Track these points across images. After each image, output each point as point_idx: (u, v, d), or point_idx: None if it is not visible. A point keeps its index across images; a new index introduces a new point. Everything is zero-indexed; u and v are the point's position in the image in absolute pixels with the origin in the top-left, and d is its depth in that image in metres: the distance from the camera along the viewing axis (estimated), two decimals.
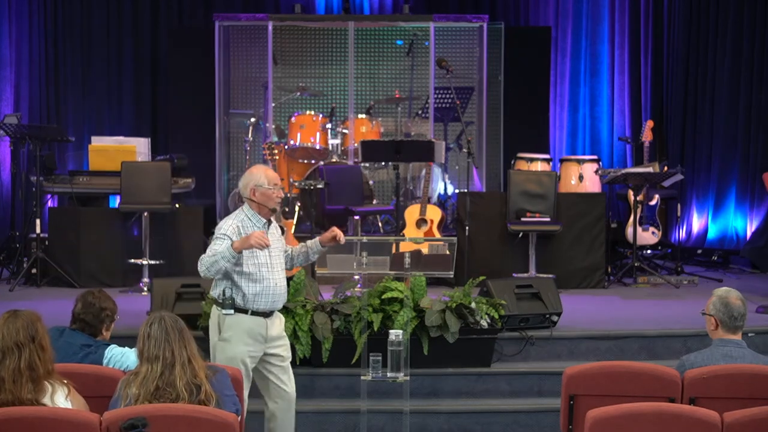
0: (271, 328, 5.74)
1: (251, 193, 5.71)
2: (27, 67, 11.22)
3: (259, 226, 5.68)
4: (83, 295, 5.51)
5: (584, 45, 12.10)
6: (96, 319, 5.42)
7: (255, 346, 5.68)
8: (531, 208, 9.26)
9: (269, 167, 5.93)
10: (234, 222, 5.67)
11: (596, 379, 5.04)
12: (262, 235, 5.49)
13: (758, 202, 10.86)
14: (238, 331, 5.64)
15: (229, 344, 5.66)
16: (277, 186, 5.74)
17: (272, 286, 5.68)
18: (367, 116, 10.49)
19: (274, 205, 5.73)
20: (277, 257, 5.75)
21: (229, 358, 5.61)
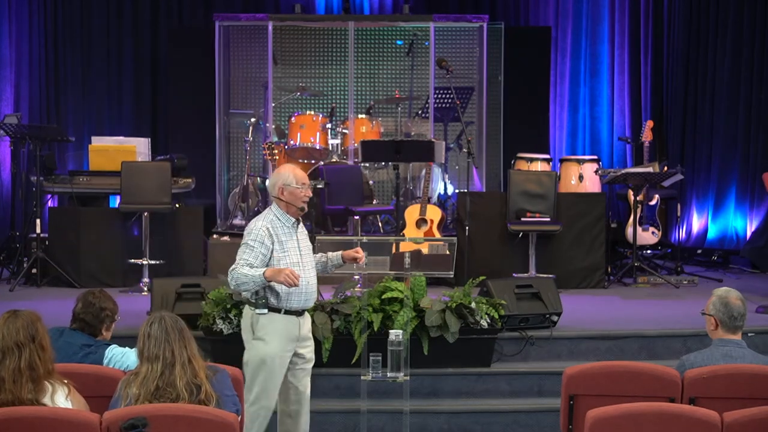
0: (302, 327, 5.77)
1: (279, 192, 5.70)
2: (27, 67, 11.22)
3: (288, 225, 5.68)
4: (84, 295, 5.51)
5: (584, 45, 12.10)
6: (95, 319, 5.43)
7: (289, 345, 5.69)
8: (531, 208, 9.26)
9: (298, 167, 5.89)
10: (264, 224, 5.65)
11: (596, 379, 5.04)
12: (292, 273, 5.48)
13: (758, 202, 10.86)
14: (272, 330, 5.64)
15: (264, 343, 5.65)
16: (306, 185, 5.73)
17: (304, 284, 5.66)
18: (367, 116, 10.49)
19: (302, 204, 5.72)
20: (308, 256, 5.76)
21: (264, 357, 5.63)
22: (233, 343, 6.74)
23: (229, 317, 6.76)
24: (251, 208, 10.34)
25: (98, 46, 11.64)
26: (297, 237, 5.72)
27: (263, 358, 5.64)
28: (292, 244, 5.68)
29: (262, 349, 5.65)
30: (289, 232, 5.69)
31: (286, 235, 5.67)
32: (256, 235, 5.62)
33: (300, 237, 5.74)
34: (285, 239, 5.66)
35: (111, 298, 5.58)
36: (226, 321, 6.76)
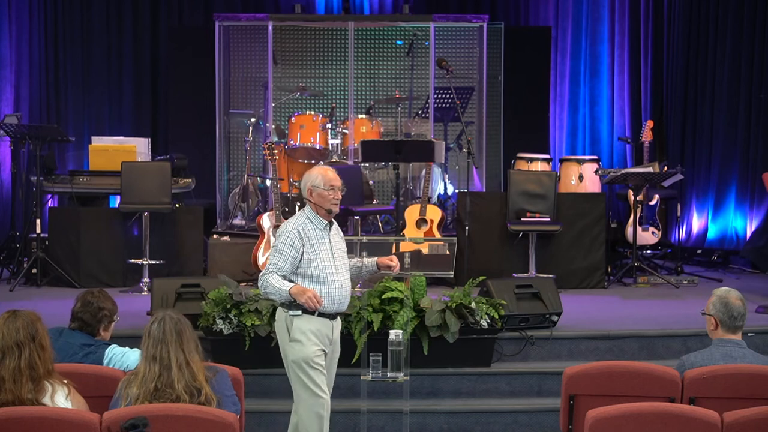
0: (335, 330, 5.72)
1: (309, 193, 5.67)
2: (27, 67, 11.22)
3: (321, 228, 5.64)
4: (83, 294, 5.51)
5: (584, 45, 12.11)
6: (93, 318, 5.42)
7: (322, 346, 5.65)
8: (531, 208, 9.27)
9: (331, 168, 5.80)
10: (294, 226, 5.62)
11: (596, 379, 5.04)
12: (316, 296, 5.46)
13: (758, 202, 10.86)
14: (307, 331, 5.60)
15: (301, 345, 5.62)
16: (335, 188, 5.66)
17: (337, 288, 5.63)
18: (367, 116, 10.48)
19: (330, 206, 5.65)
20: (341, 258, 5.70)
21: (302, 359, 5.60)
22: (233, 343, 6.76)
23: (229, 317, 6.76)
24: (251, 208, 10.34)
25: (98, 46, 11.64)
26: (329, 239, 5.66)
27: (304, 359, 5.60)
28: (324, 246, 5.62)
29: (301, 350, 5.61)
30: (321, 234, 5.63)
31: (317, 237, 5.62)
32: (286, 238, 5.59)
33: (333, 239, 5.68)
34: (316, 241, 5.61)
35: (110, 298, 5.57)
36: (226, 321, 6.76)
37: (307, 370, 5.59)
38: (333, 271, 5.61)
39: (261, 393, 6.81)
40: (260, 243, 9.08)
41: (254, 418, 6.56)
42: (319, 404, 5.61)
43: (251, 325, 6.71)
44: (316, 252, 5.58)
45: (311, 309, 5.50)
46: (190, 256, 9.35)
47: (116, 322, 5.58)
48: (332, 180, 5.67)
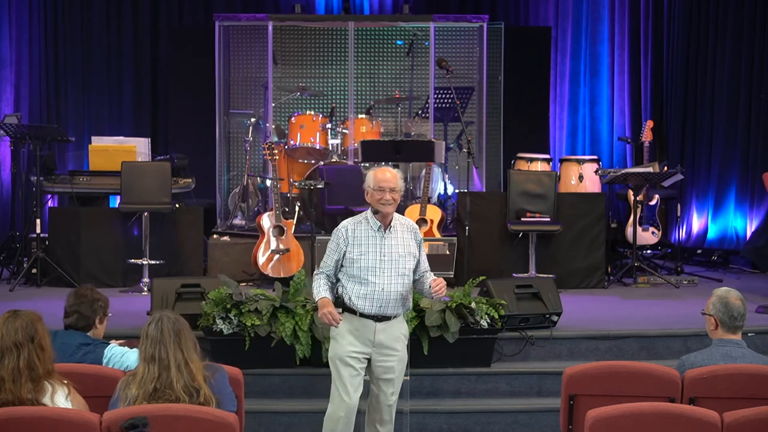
0: (380, 333, 5.61)
1: (365, 194, 5.67)
2: (27, 67, 11.22)
3: (375, 229, 5.61)
4: (75, 290, 5.53)
5: (584, 45, 12.11)
6: (90, 309, 5.39)
7: (360, 347, 5.59)
8: (531, 208, 9.27)
9: (389, 170, 5.67)
10: (345, 224, 5.66)
11: (596, 379, 5.04)
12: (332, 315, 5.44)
13: (758, 202, 10.86)
14: (344, 330, 5.60)
15: (335, 342, 5.64)
16: (383, 188, 5.56)
17: (378, 290, 5.56)
18: (367, 116, 10.48)
19: (379, 207, 5.58)
20: (395, 262, 5.59)
21: (332, 357, 5.63)
22: (233, 343, 6.76)
23: (229, 317, 6.76)
24: (251, 208, 10.34)
25: (98, 46, 11.64)
26: (383, 241, 5.59)
27: (332, 357, 5.64)
28: (372, 248, 5.58)
29: (334, 348, 5.65)
30: (373, 236, 5.60)
31: (368, 238, 5.59)
32: (335, 236, 5.65)
33: (390, 242, 5.59)
34: (366, 242, 5.58)
35: (101, 293, 5.58)
36: (226, 321, 6.76)
37: (339, 368, 5.60)
38: (377, 273, 5.56)
39: (261, 393, 6.81)
40: (260, 243, 9.08)
41: (254, 418, 6.56)
42: (341, 405, 5.59)
43: (251, 325, 6.71)
44: (362, 252, 5.57)
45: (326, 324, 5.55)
46: (190, 256, 9.34)
47: (110, 318, 5.57)
48: (381, 181, 5.59)
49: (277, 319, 6.76)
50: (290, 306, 6.80)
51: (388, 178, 5.61)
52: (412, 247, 5.69)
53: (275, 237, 9.07)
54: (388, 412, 5.74)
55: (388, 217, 5.62)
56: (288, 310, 6.78)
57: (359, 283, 5.58)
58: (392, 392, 5.72)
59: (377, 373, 5.68)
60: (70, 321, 5.41)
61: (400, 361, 5.70)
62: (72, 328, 5.40)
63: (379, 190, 5.58)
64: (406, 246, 5.66)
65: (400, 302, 5.65)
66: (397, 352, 5.68)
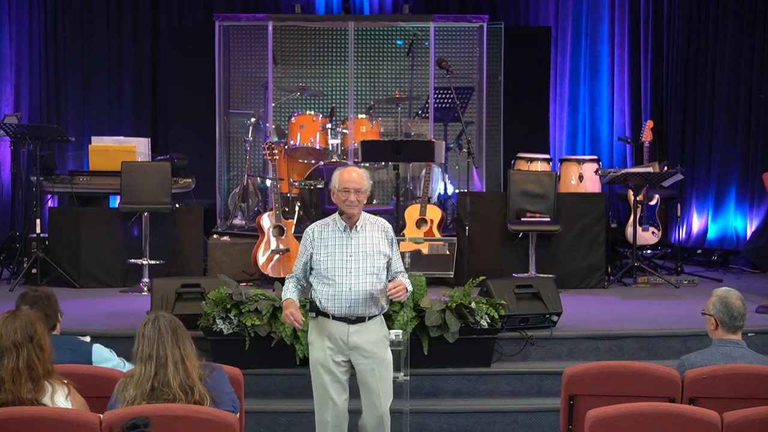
0: (354, 335, 5.54)
1: (332, 194, 5.63)
2: (27, 67, 11.22)
3: (340, 229, 5.56)
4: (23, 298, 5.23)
5: (584, 45, 12.11)
6: (52, 309, 5.24)
7: (336, 351, 5.54)
8: (531, 208, 9.27)
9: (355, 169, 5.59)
10: (312, 227, 5.62)
11: (596, 379, 5.04)
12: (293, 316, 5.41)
13: (758, 202, 10.86)
14: (319, 335, 5.57)
15: (312, 347, 5.61)
16: (348, 189, 5.48)
17: (346, 290, 5.51)
18: (367, 116, 10.48)
19: (345, 208, 5.52)
20: (361, 261, 5.53)
21: (312, 362, 5.60)
22: (233, 343, 6.76)
23: (229, 317, 6.76)
24: (251, 208, 10.34)
25: (98, 46, 11.64)
26: (350, 242, 5.53)
27: (312, 363, 5.61)
28: (339, 249, 5.53)
29: (312, 352, 5.62)
30: (339, 236, 5.55)
31: (335, 239, 5.55)
32: (303, 239, 5.62)
33: (356, 242, 5.53)
34: (332, 243, 5.54)
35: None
36: (226, 321, 6.76)
37: (319, 374, 5.58)
38: (344, 274, 5.51)
39: (261, 393, 6.81)
40: (260, 243, 9.08)
41: (254, 418, 6.56)
42: (326, 411, 5.57)
43: (251, 325, 6.71)
44: (328, 253, 5.53)
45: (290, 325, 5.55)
46: (190, 256, 9.34)
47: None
48: (346, 181, 5.51)
49: (277, 319, 6.76)
50: None
51: (353, 179, 5.53)
52: (382, 246, 5.61)
53: (275, 237, 9.07)
54: (378, 418, 5.64)
55: (354, 217, 5.57)
56: None
57: (327, 284, 5.53)
58: (378, 397, 5.61)
59: (359, 377, 5.63)
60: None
61: (379, 364, 5.61)
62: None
63: (343, 191, 5.52)
64: (375, 245, 5.58)
65: (372, 302, 5.57)
66: (374, 355, 5.59)
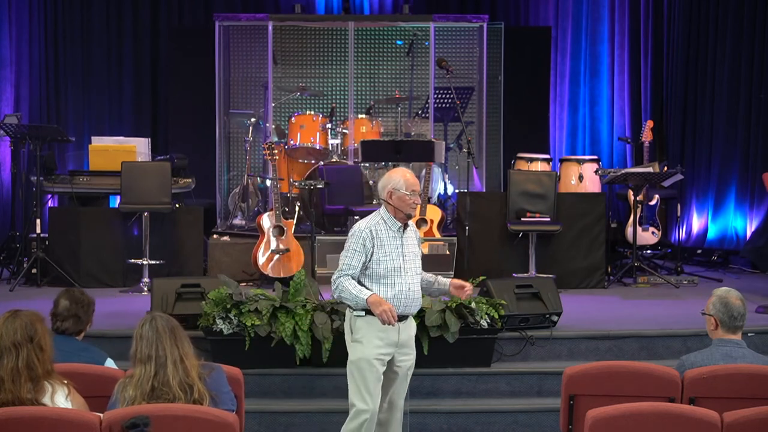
0: (402, 333, 5.60)
1: (388, 195, 5.60)
2: (27, 67, 11.22)
3: (394, 229, 5.59)
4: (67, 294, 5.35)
5: (584, 45, 12.11)
6: (86, 313, 5.29)
7: (386, 348, 5.55)
8: (531, 208, 9.27)
9: (410, 172, 5.69)
10: (367, 225, 5.58)
11: (596, 379, 5.04)
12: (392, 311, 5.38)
13: (758, 202, 10.86)
14: (369, 332, 5.52)
15: (360, 345, 5.56)
16: (415, 192, 5.59)
17: (405, 290, 5.55)
18: (367, 116, 10.48)
19: (410, 211, 5.59)
20: (412, 262, 5.62)
21: (359, 359, 5.54)
22: (233, 343, 6.76)
23: (229, 317, 6.75)
24: (251, 208, 10.34)
25: (98, 46, 11.64)
26: (402, 242, 5.60)
27: (359, 361, 5.54)
28: (395, 249, 5.56)
29: (359, 351, 5.56)
30: (393, 236, 5.58)
31: (390, 239, 5.57)
32: (358, 237, 5.56)
33: (406, 242, 5.61)
34: (388, 242, 5.56)
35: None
36: (226, 321, 6.76)
37: (364, 372, 5.52)
38: (402, 274, 5.55)
39: (261, 393, 6.81)
40: (260, 243, 9.08)
41: (254, 418, 6.56)
42: (364, 410, 5.52)
43: (251, 325, 6.71)
44: (387, 253, 5.54)
45: (384, 322, 5.41)
46: (190, 256, 9.34)
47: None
48: (414, 185, 5.60)
49: (277, 319, 6.76)
50: (290, 306, 6.79)
51: (416, 182, 5.68)
52: (418, 246, 5.75)
53: (275, 237, 9.07)
54: (401, 412, 5.74)
55: (408, 218, 5.65)
56: (288, 310, 6.78)
57: (386, 284, 5.54)
58: (406, 392, 5.73)
59: (398, 373, 5.64)
60: (67, 325, 5.28)
61: (413, 359, 5.73)
62: (65, 333, 5.28)
63: (411, 193, 5.59)
64: (417, 245, 5.73)
65: (419, 301, 5.70)
66: (413, 350, 5.72)
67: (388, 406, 5.69)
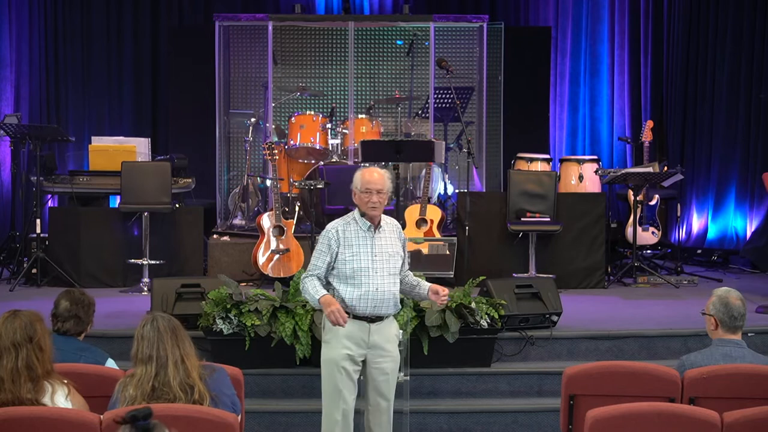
0: (375, 333, 5.53)
1: (353, 195, 5.60)
2: (27, 67, 11.22)
3: (365, 230, 5.54)
4: (68, 294, 5.36)
5: (584, 45, 12.10)
6: (86, 313, 5.30)
7: (357, 349, 5.51)
8: (531, 208, 9.27)
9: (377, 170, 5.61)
10: (335, 225, 5.57)
11: (596, 379, 5.04)
12: (340, 312, 5.35)
13: (758, 202, 10.86)
14: (337, 333, 5.50)
15: (328, 346, 5.55)
16: (371, 191, 5.48)
17: (372, 290, 5.48)
18: (367, 116, 10.48)
19: (367, 209, 5.51)
20: (385, 262, 5.53)
21: (326, 361, 5.54)
22: (233, 343, 6.76)
23: (229, 317, 6.76)
24: (251, 208, 10.34)
25: (98, 46, 11.64)
26: (373, 242, 5.52)
27: (326, 362, 5.55)
28: (364, 249, 5.50)
29: (326, 352, 5.57)
30: (363, 236, 5.53)
31: (359, 239, 5.52)
32: (324, 238, 5.56)
33: (379, 242, 5.53)
34: (356, 242, 5.51)
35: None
36: (226, 321, 6.76)
37: (333, 372, 5.52)
38: (370, 274, 5.49)
39: (261, 393, 6.81)
40: (260, 243, 9.08)
41: (254, 418, 6.56)
42: (335, 407, 5.53)
43: (251, 325, 6.71)
44: (353, 253, 5.50)
45: (333, 323, 5.40)
46: (190, 256, 9.34)
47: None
48: (369, 182, 5.52)
49: (277, 319, 6.76)
50: (290, 306, 6.80)
51: (375, 180, 5.53)
52: (398, 246, 5.64)
53: (275, 237, 9.07)
54: (386, 415, 5.67)
55: (376, 218, 5.57)
56: (288, 310, 6.78)
57: (353, 285, 5.50)
58: (388, 395, 5.64)
59: (373, 375, 5.61)
60: (68, 326, 5.28)
61: (393, 361, 5.65)
62: (66, 334, 5.28)
63: (366, 192, 5.52)
64: (393, 245, 5.61)
65: (393, 302, 5.59)
66: (390, 353, 5.62)
67: (372, 409, 5.66)
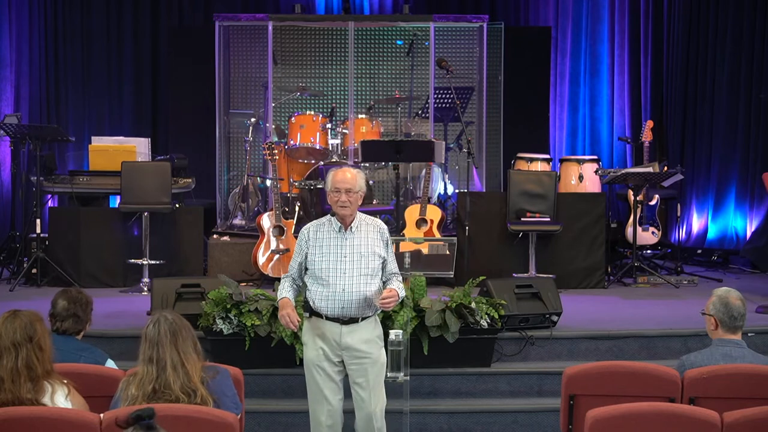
0: (347, 336, 5.51)
1: (327, 196, 5.60)
2: (27, 67, 11.22)
3: (336, 230, 5.53)
4: (65, 293, 5.35)
5: (584, 45, 12.10)
6: (84, 312, 5.30)
7: (329, 351, 5.52)
8: (531, 208, 9.27)
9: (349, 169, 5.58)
10: (308, 226, 5.59)
11: (596, 379, 5.04)
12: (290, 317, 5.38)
13: (758, 202, 10.86)
14: (312, 335, 5.54)
15: (306, 347, 5.59)
16: (339, 190, 5.46)
17: (339, 291, 5.46)
18: (367, 116, 10.48)
19: (337, 209, 5.50)
20: (355, 262, 5.49)
21: (306, 362, 5.59)
22: (233, 343, 6.76)
23: (229, 317, 6.76)
24: (251, 208, 10.34)
25: (98, 46, 11.64)
26: (344, 242, 5.50)
27: (305, 363, 5.60)
28: (333, 249, 5.49)
29: (305, 354, 5.62)
30: (334, 237, 5.52)
31: (329, 240, 5.52)
32: (298, 239, 5.60)
33: (351, 242, 5.50)
34: (326, 243, 5.51)
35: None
36: (226, 321, 6.76)
37: (312, 374, 5.56)
38: (338, 275, 5.48)
39: (261, 393, 6.82)
40: (260, 243, 9.08)
41: (254, 418, 6.56)
42: (319, 408, 5.56)
43: (251, 325, 6.71)
44: (322, 254, 5.51)
45: (285, 326, 5.49)
46: (190, 256, 9.35)
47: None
48: (338, 182, 5.50)
49: (277, 319, 6.75)
50: None
51: (345, 179, 5.51)
52: (377, 247, 5.58)
53: (275, 237, 9.07)
54: (371, 420, 5.63)
55: (347, 218, 5.54)
56: None
57: (321, 285, 5.50)
58: (370, 398, 5.60)
59: (352, 377, 5.61)
60: (66, 325, 5.27)
61: (373, 364, 5.59)
62: (65, 333, 5.27)
63: (335, 191, 5.50)
64: (370, 246, 5.56)
65: (365, 303, 5.53)
66: (368, 355, 5.58)
67: (358, 411, 5.66)
